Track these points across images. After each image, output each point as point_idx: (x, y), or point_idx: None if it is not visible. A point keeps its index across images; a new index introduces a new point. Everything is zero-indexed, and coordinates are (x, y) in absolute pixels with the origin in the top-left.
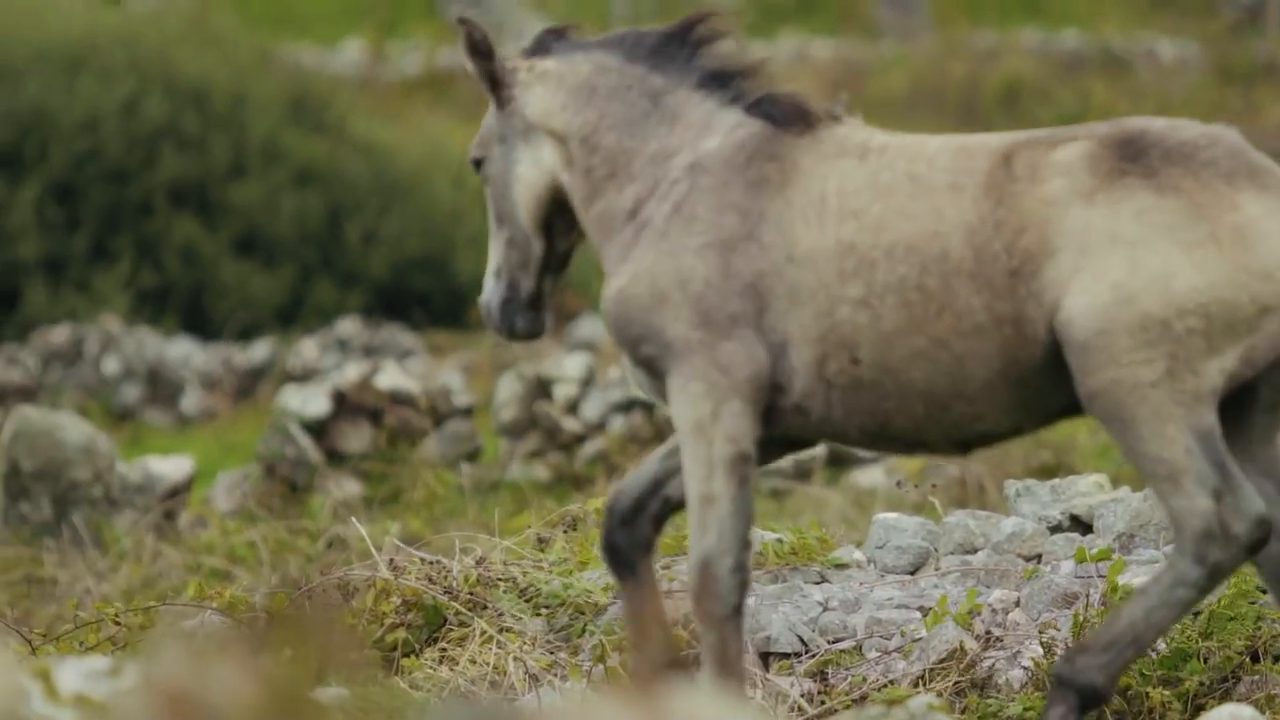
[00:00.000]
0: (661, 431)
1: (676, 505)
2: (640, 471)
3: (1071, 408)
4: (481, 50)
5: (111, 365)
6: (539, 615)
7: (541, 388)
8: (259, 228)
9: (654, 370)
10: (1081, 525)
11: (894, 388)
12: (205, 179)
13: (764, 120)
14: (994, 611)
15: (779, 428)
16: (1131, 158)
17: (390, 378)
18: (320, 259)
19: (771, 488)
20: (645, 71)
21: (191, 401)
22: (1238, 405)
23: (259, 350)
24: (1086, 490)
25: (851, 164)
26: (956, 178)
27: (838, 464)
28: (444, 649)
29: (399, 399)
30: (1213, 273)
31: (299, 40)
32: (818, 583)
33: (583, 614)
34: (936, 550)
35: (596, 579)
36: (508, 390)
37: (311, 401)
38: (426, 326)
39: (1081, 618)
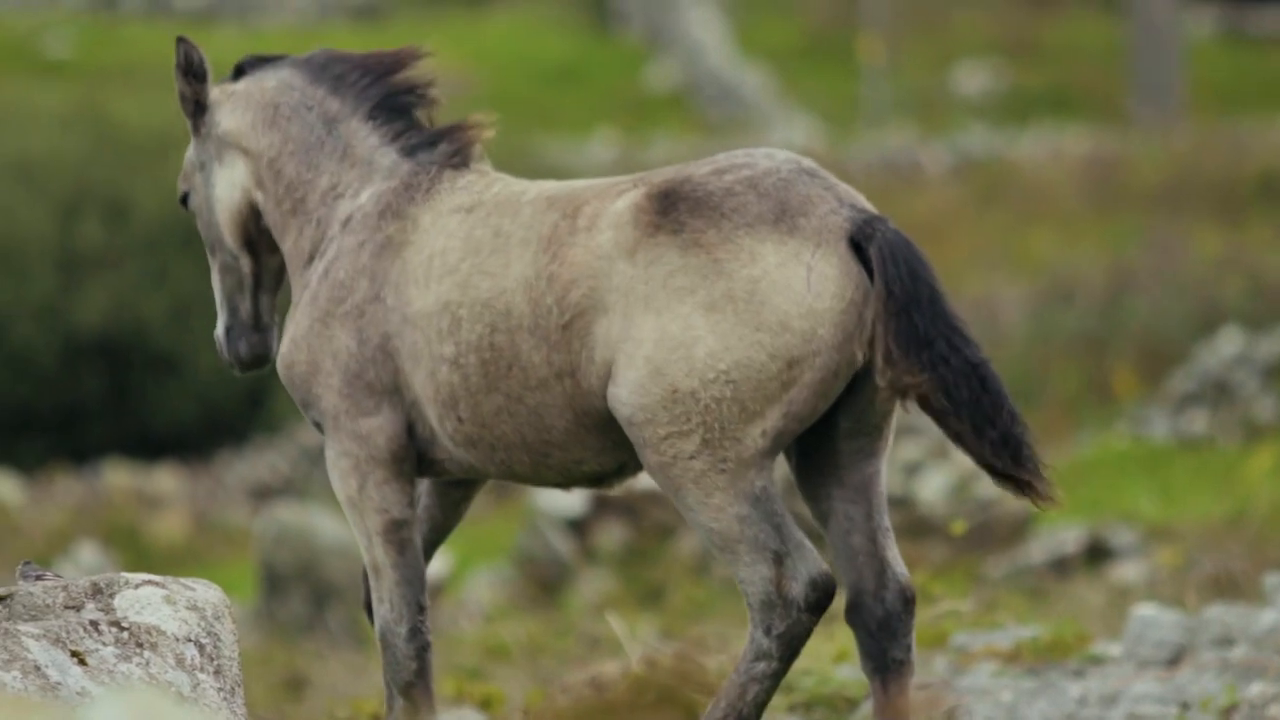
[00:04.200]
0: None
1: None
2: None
3: None
4: (197, 73)
5: None
6: (793, 711)
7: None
8: None
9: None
10: None
11: (495, 441)
12: None
13: (415, 162)
14: (1253, 706)
15: (451, 475)
16: (664, 211)
17: (647, 476)
18: None
19: (1030, 586)
20: (325, 94)
21: None
22: (821, 436)
23: None
24: None
25: (458, 220)
26: (528, 232)
27: (1096, 559)
28: None
29: (655, 497)
30: (730, 335)
31: (549, 133)
32: (1075, 678)
33: (837, 710)
34: (1194, 644)
35: (851, 674)
36: None
37: (568, 500)
38: None
39: None
